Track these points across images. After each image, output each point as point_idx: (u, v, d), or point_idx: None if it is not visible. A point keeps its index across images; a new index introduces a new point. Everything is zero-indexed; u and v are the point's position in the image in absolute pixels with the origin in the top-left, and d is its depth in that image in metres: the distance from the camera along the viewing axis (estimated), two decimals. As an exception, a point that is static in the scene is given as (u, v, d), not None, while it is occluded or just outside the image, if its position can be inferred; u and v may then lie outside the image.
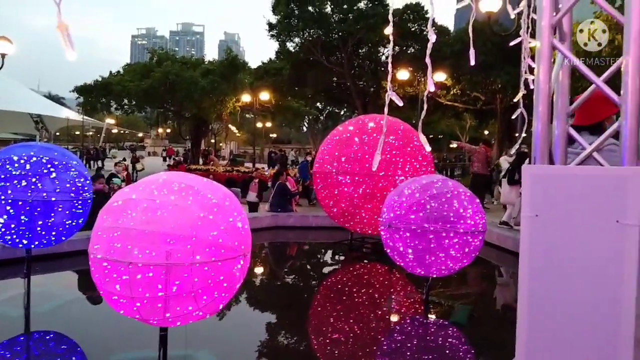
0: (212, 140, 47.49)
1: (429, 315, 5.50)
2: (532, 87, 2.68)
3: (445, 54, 19.31)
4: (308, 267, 9.08)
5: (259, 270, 7.92)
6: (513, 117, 4.52)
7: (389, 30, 3.51)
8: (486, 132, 47.64)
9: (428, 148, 4.26)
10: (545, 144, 2.14)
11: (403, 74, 20.77)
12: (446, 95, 22.45)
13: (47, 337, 4.85)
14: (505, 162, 12.49)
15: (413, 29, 23.08)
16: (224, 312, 5.25)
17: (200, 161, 29.41)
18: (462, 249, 4.81)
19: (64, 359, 4.49)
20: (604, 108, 2.61)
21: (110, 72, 33.01)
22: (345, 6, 23.40)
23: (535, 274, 2.03)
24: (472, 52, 3.59)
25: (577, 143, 2.24)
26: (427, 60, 3.03)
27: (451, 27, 30.11)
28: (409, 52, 24.07)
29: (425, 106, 3.54)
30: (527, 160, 8.74)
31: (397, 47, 23.81)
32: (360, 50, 25.52)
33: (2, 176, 4.68)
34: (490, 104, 23.78)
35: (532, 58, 3.15)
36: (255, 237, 3.48)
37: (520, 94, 4.11)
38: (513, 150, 5.69)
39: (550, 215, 1.97)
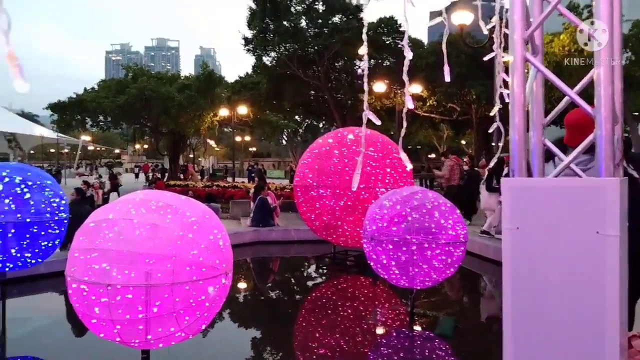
0: (191, 155, 47.09)
1: (415, 327, 5.50)
2: (507, 100, 2.72)
3: (420, 66, 19.58)
4: (292, 281, 9.02)
5: (242, 286, 7.83)
6: (490, 130, 4.57)
7: (363, 50, 3.55)
8: (463, 142, 48.38)
9: (409, 166, 4.28)
10: (522, 156, 2.17)
11: (379, 87, 20.99)
12: (423, 107, 22.72)
13: (23, 364, 4.70)
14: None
15: (387, 42, 23.36)
16: (207, 331, 5.16)
17: (181, 176, 29.12)
18: (445, 260, 4.83)
19: (41, 386, 4.36)
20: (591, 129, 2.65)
21: (85, 89, 32.62)
22: (320, 20, 23.58)
23: (518, 286, 2.04)
24: (446, 68, 3.64)
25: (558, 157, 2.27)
26: (405, 77, 3.06)
27: (425, 40, 30.58)
28: (384, 64, 24.34)
29: (405, 124, 3.56)
30: (504, 166, 8.87)
31: (372, 60, 24.06)
32: (336, 64, 25.71)
33: (-25, 198, 4.54)
34: (465, 115, 24.13)
35: (506, 71, 3.21)
36: (237, 253, 3.44)
37: (496, 108, 4.17)
38: (492, 164, 5.77)
39: (530, 228, 1.99)
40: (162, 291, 3.02)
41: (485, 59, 4.31)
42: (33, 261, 4.92)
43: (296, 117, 40.52)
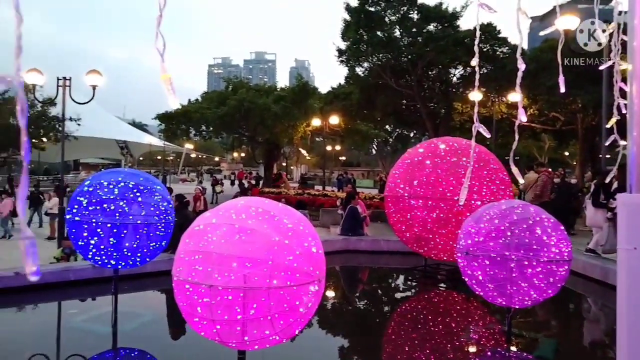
0: (284, 164, 48.53)
1: (511, 348, 5.21)
2: (624, 111, 2.51)
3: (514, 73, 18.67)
4: (381, 292, 8.95)
5: (331, 294, 7.90)
6: (606, 143, 4.22)
7: (475, 62, 3.43)
8: (566, 153, 45.27)
9: (521, 180, 4.08)
10: (642, 170, 2.00)
11: (476, 95, 20.29)
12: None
13: (132, 354, 5.09)
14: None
15: (485, 49, 22.51)
16: (299, 336, 5.26)
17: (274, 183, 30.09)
18: (547, 278, 4.54)
19: (147, 376, 4.69)
20: None
21: (189, 100, 34.88)
22: (414, 29, 23.29)
23: (635, 311, 1.87)
24: (561, 78, 3.42)
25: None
26: (517, 89, 2.92)
27: (525, 46, 29.10)
28: (481, 72, 23.49)
29: (517, 137, 3.40)
30: (608, 179, 8.18)
31: (468, 68, 23.35)
32: (430, 72, 25.22)
33: (94, 200, 5.02)
34: (570, 124, 22.61)
35: (624, 81, 2.96)
36: (326, 260, 3.49)
37: (613, 120, 3.86)
38: (608, 179, 5.33)
39: (652, 248, 1.82)
40: (259, 294, 3.13)
41: (602, 67, 4.00)
42: (142, 260, 5.33)
43: (387, 126, 40.31)
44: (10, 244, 11.92)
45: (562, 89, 3.46)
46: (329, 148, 39.35)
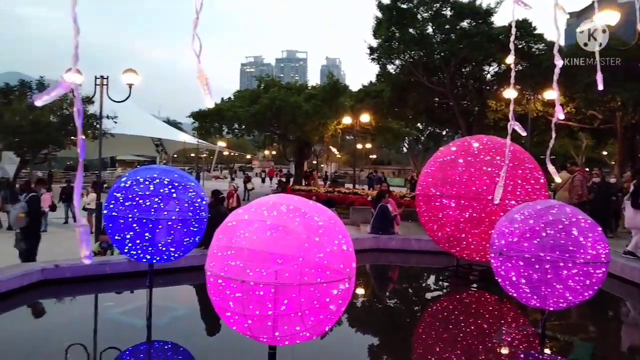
0: (314, 162, 48.68)
1: (545, 351, 5.10)
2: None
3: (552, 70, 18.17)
4: (411, 291, 8.89)
5: (361, 292, 7.89)
6: None
7: (510, 60, 3.39)
8: (604, 153, 43.90)
9: (557, 179, 3.99)
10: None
11: (510, 93, 19.88)
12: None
13: (166, 347, 5.22)
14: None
15: (521, 46, 22.02)
16: (329, 334, 5.29)
17: (303, 182, 30.26)
18: (583, 280, 4.42)
19: (180, 369, 4.80)
20: None
21: (222, 99, 35.39)
22: (447, 26, 22.99)
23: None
24: (599, 76, 3.33)
25: None
26: (555, 86, 2.87)
27: (562, 43, 28.33)
28: (516, 69, 23.01)
29: (554, 135, 3.34)
30: None
31: (502, 65, 22.90)
32: (463, 70, 24.87)
33: (130, 196, 5.15)
34: (608, 123, 21.92)
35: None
36: (357, 258, 3.49)
37: None
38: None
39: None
40: (290, 291, 3.16)
41: None
42: (176, 255, 5.44)
43: (418, 124, 39.95)
44: (47, 237, 12.31)
45: (600, 87, 3.36)
46: (359, 146, 39.26)
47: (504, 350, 5.38)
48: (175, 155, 63.97)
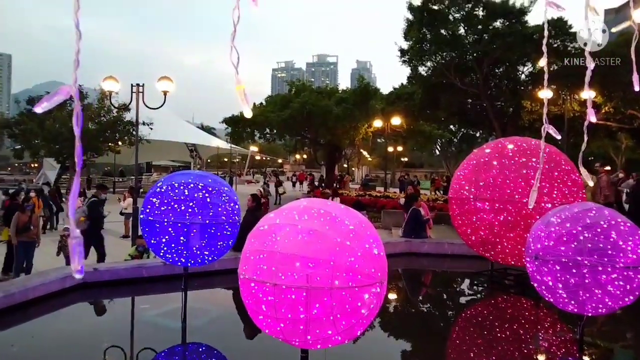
0: (345, 165, 48.65)
1: (584, 358, 4.96)
2: None
3: (593, 69, 17.68)
4: (445, 296, 8.77)
5: (393, 296, 7.84)
6: None
7: (543, 62, 3.33)
8: (647, 153, 42.25)
9: (591, 183, 3.89)
10: None
11: (547, 93, 19.42)
12: (597, 114, 20.45)
13: (200, 349, 5.31)
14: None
15: (556, 45, 21.49)
16: (361, 338, 5.27)
17: (336, 185, 30.26)
18: (623, 285, 4.28)
19: (214, 370, 4.87)
20: None
21: (254, 104, 35.77)
22: (479, 26, 22.65)
23: None
24: (635, 77, 3.22)
25: None
26: (586, 88, 2.80)
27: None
28: (551, 69, 22.49)
29: (586, 137, 3.26)
30: None
31: (537, 65, 22.39)
32: (497, 70, 24.43)
33: (166, 201, 5.27)
34: (649, 122, 21.16)
35: None
36: (389, 263, 3.47)
37: None
38: None
39: None
40: (321, 294, 3.18)
41: None
42: (210, 258, 5.54)
43: (451, 126, 39.45)
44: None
45: (637, 88, 3.26)
46: (390, 149, 39.02)
47: (541, 357, 5.25)
48: (209, 160, 65.02)
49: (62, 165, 31.95)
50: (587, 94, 2.93)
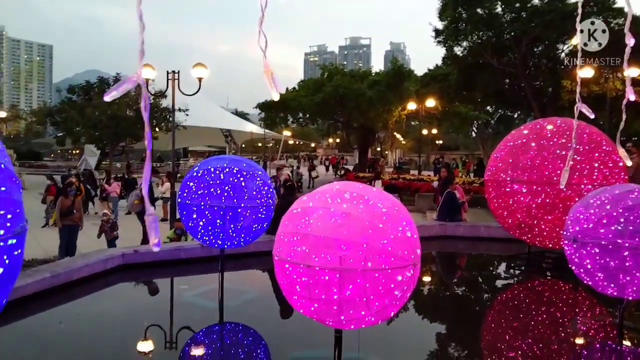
0: (378, 149, 48.31)
1: (624, 342, 4.85)
2: None
3: (639, 45, 16.86)
4: (481, 279, 8.69)
5: (427, 279, 7.82)
6: None
7: (576, 40, 3.23)
8: (698, 133, 40.25)
9: (629, 163, 3.77)
10: None
11: (587, 72, 18.69)
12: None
13: (237, 329, 5.46)
14: None
15: (597, 22, 20.55)
16: (394, 320, 5.30)
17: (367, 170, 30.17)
18: (667, 269, 4.15)
19: (251, 349, 5.01)
20: None
21: (287, 89, 35.79)
22: (517, 4, 21.87)
23: None
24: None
25: None
26: (625, 66, 2.71)
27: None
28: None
29: (624, 116, 3.16)
30: None
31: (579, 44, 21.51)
32: (535, 49, 23.61)
33: (202, 185, 5.39)
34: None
35: None
36: (423, 246, 3.47)
37: None
38: None
39: None
40: (354, 276, 3.21)
41: None
42: (245, 240, 5.65)
43: (488, 107, 38.49)
44: (124, 224, 13.04)
45: None
46: (424, 132, 38.47)
47: (580, 341, 5.17)
48: (243, 145, 65.75)
49: (102, 151, 32.92)
50: (627, 72, 2.82)
